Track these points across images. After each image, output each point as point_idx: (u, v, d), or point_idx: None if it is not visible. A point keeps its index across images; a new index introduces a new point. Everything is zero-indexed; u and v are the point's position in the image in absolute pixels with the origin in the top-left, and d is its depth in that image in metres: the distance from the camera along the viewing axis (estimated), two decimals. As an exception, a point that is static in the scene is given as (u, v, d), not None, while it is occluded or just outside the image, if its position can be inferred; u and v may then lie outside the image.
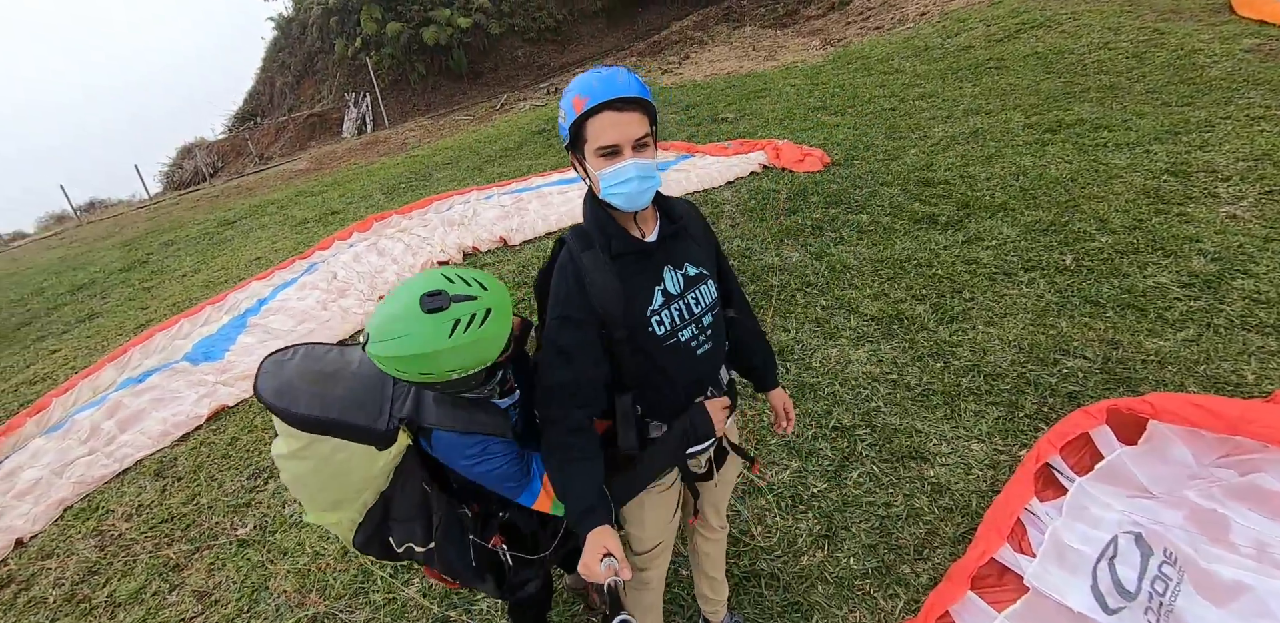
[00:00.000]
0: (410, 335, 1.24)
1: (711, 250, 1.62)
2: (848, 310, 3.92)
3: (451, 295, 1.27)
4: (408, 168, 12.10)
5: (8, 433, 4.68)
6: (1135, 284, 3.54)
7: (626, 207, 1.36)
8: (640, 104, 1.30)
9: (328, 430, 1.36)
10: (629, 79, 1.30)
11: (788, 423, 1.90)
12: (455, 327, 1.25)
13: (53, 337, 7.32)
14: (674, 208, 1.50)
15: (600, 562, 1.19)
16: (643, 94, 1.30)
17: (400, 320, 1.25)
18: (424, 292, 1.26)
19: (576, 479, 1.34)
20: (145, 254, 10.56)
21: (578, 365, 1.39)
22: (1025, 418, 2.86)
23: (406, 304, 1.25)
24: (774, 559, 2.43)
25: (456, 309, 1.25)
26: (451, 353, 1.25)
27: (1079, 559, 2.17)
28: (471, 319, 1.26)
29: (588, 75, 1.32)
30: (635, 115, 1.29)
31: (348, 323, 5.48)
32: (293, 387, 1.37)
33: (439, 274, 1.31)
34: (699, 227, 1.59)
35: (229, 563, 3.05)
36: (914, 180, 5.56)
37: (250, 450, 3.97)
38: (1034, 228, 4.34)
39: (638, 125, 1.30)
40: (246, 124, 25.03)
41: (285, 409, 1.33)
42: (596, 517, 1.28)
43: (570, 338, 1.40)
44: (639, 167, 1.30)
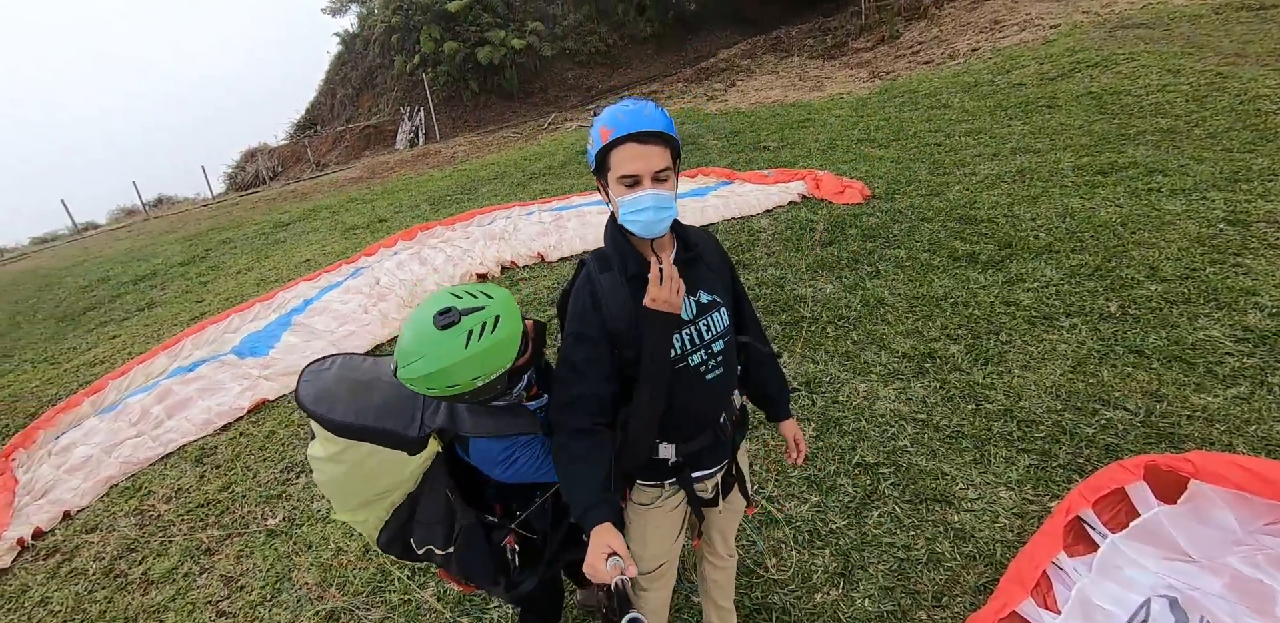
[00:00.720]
0: (431, 354, 1.30)
1: (727, 279, 1.65)
2: (879, 346, 3.87)
3: (461, 310, 1.33)
4: (455, 181, 12.39)
5: (66, 410, 4.90)
6: (1184, 336, 3.41)
7: (643, 233, 1.41)
8: (663, 138, 1.35)
9: (362, 436, 1.42)
10: (655, 114, 1.35)
11: (799, 454, 1.87)
12: (470, 337, 1.32)
13: (114, 323, 7.65)
14: (690, 236, 1.54)
15: (605, 561, 1.18)
16: (667, 129, 1.35)
17: (419, 342, 1.32)
18: (435, 312, 1.33)
19: (579, 479, 1.35)
20: (204, 250, 11.00)
21: (588, 380, 1.43)
22: (1058, 468, 2.76)
23: (420, 327, 1.33)
24: (787, 594, 2.38)
25: (467, 321, 1.33)
26: (472, 361, 1.32)
27: (1107, 620, 2.08)
28: (483, 327, 1.33)
29: (616, 107, 1.37)
30: (657, 148, 1.34)
31: (386, 327, 5.61)
32: (331, 394, 1.45)
33: (446, 293, 1.40)
34: (715, 255, 1.63)
35: (257, 552, 3.12)
36: (955, 217, 5.48)
37: (285, 445, 4.07)
38: (1079, 272, 4.23)
39: (659, 158, 1.34)
40: (307, 132, 26.05)
41: (323, 415, 1.41)
42: (599, 514, 1.28)
43: (582, 354, 1.45)
44: (656, 197, 1.35)
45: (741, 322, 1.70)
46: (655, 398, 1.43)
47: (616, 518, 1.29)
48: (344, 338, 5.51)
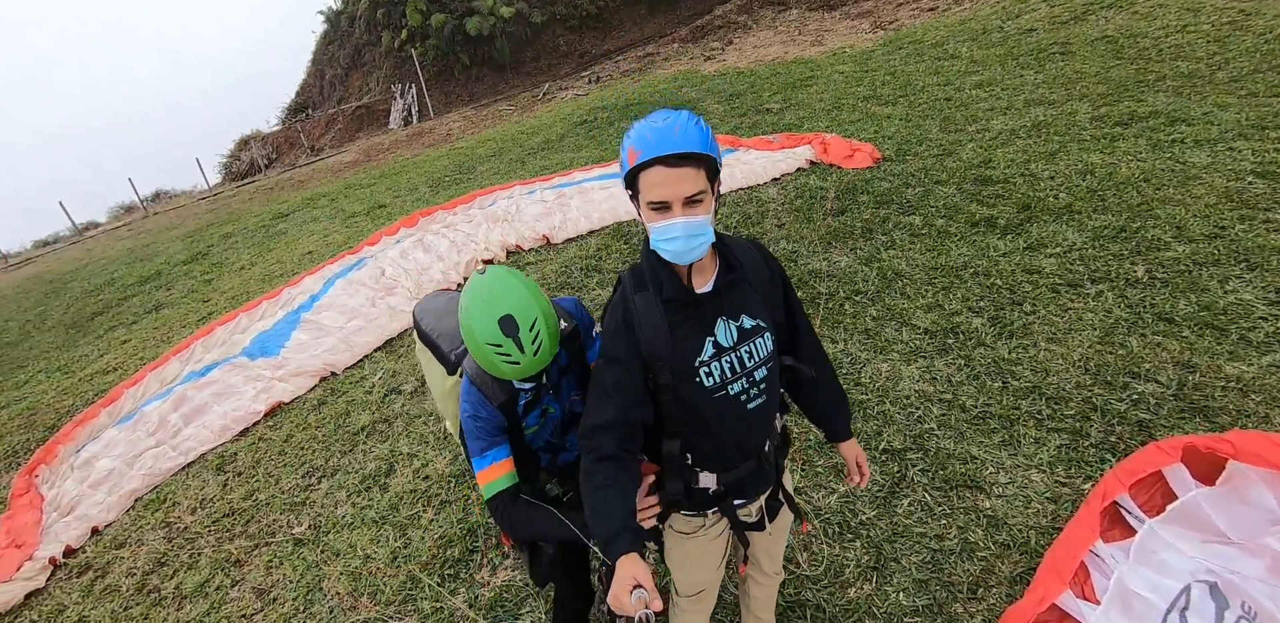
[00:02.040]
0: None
1: (777, 296, 1.52)
2: (899, 322, 3.78)
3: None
4: (452, 160, 12.18)
5: (84, 423, 4.94)
6: (1215, 300, 3.30)
7: (675, 260, 1.32)
8: (696, 159, 1.23)
9: (425, 342, 1.89)
10: (687, 131, 1.22)
11: (861, 478, 1.78)
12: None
13: (123, 327, 7.67)
14: (733, 255, 1.42)
15: (630, 593, 1.14)
16: (701, 148, 1.23)
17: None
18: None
19: (601, 505, 1.31)
20: (206, 246, 10.95)
21: (618, 404, 1.38)
22: (1090, 448, 2.70)
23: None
24: (820, 589, 2.37)
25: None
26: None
27: (1147, 609, 2.04)
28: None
29: (645, 124, 1.26)
30: (689, 171, 1.22)
31: (395, 321, 5.56)
32: (428, 312, 1.95)
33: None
34: (762, 273, 1.49)
35: (286, 562, 3.14)
36: (971, 178, 5.31)
37: (304, 449, 4.08)
38: (1102, 234, 4.08)
39: (690, 182, 1.23)
40: (299, 116, 25.62)
41: (417, 322, 1.95)
42: (623, 544, 1.23)
43: (613, 378, 1.39)
44: (687, 226, 1.25)
45: (791, 337, 1.59)
46: None
47: (642, 548, 1.24)
48: (354, 333, 5.48)
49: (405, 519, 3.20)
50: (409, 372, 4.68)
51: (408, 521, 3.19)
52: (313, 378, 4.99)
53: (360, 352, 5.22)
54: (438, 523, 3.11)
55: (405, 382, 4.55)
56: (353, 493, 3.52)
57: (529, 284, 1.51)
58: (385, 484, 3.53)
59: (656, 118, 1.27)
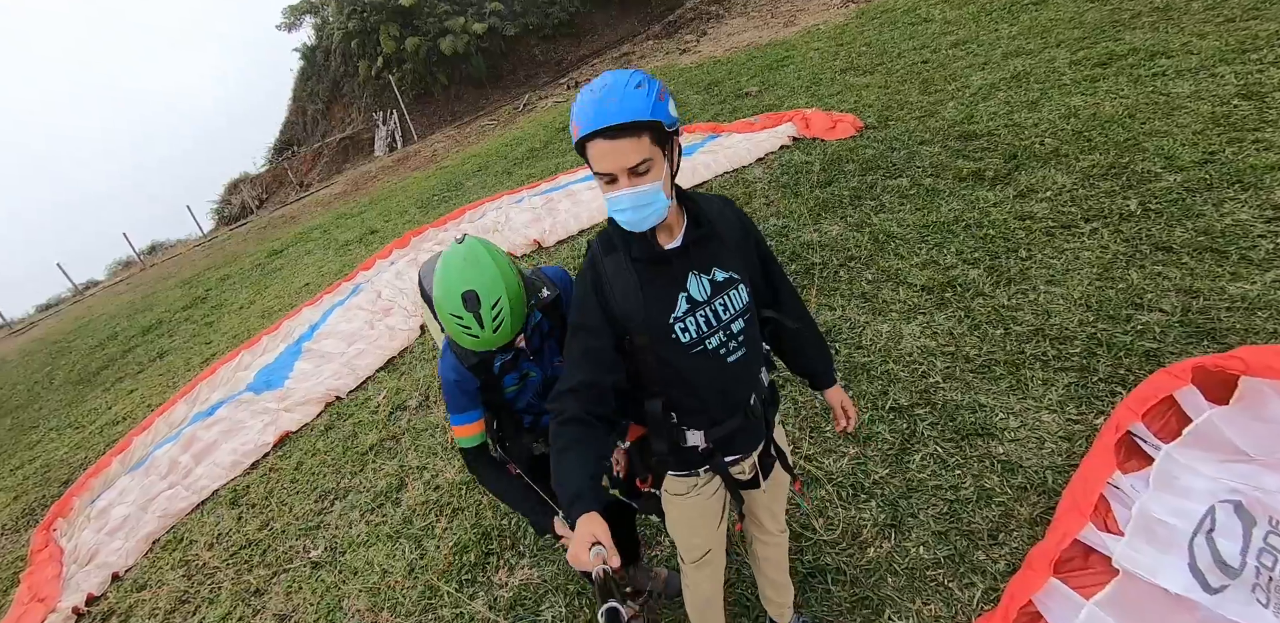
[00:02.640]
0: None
1: (749, 250, 1.54)
2: (895, 282, 3.77)
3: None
4: (439, 180, 12.31)
5: (97, 474, 5.02)
6: (1211, 224, 3.26)
7: (632, 229, 1.33)
8: (636, 128, 1.21)
9: (425, 301, 1.82)
10: (624, 100, 1.20)
11: (848, 421, 1.80)
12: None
13: (129, 378, 7.79)
14: (702, 211, 1.43)
15: (589, 550, 1.15)
16: (640, 116, 1.19)
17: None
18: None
19: (565, 467, 1.31)
20: (204, 290, 11.11)
21: (584, 370, 1.39)
22: (1100, 383, 2.67)
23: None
24: (839, 553, 2.35)
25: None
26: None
27: (1172, 535, 2.02)
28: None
29: (584, 94, 1.24)
30: (629, 142, 1.21)
31: (395, 340, 5.63)
32: (430, 272, 1.81)
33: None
34: (733, 227, 1.50)
35: (305, 586, 3.17)
36: (955, 135, 5.29)
37: (315, 474, 4.12)
38: (1091, 173, 4.05)
39: (633, 152, 1.21)
40: (285, 154, 26.02)
41: (420, 281, 1.86)
42: (584, 504, 1.23)
43: (580, 345, 1.41)
44: (633, 196, 1.25)
45: (770, 293, 1.61)
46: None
47: (600, 507, 1.24)
48: (356, 357, 5.54)
49: (419, 531, 3.22)
50: (412, 388, 4.72)
51: (422, 532, 3.21)
52: (318, 405, 5.04)
53: (363, 374, 5.27)
54: (451, 531, 3.13)
55: (409, 398, 4.59)
56: (366, 511, 3.55)
57: (500, 260, 1.55)
58: (397, 499, 3.56)
59: (596, 86, 1.25)
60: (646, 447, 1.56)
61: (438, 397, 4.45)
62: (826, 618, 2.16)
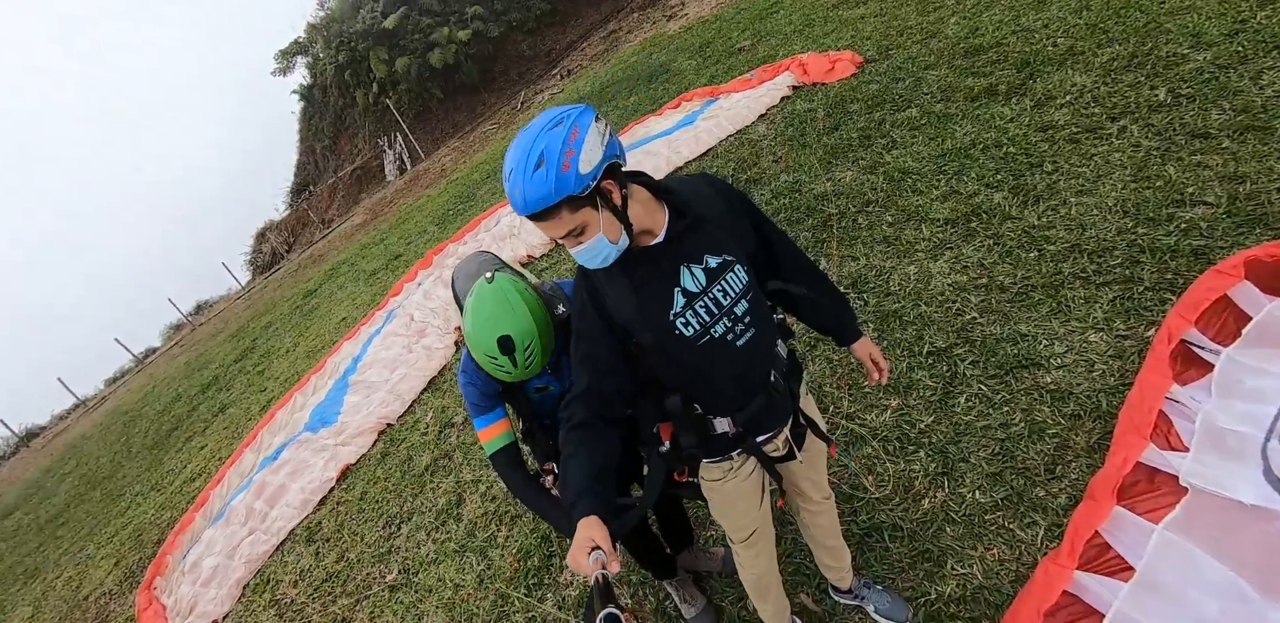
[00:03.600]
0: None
1: (740, 227, 1.52)
2: (917, 220, 3.67)
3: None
4: (451, 194, 12.54)
5: (183, 530, 5.39)
6: (1250, 101, 3.06)
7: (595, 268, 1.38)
8: (549, 210, 1.22)
9: (457, 303, 1.90)
10: (526, 189, 1.20)
11: (880, 373, 1.80)
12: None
13: (198, 435, 8.28)
14: (682, 201, 1.42)
15: (588, 555, 1.18)
16: (545, 202, 1.20)
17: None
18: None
19: (569, 472, 1.36)
20: (251, 340, 11.67)
21: (587, 377, 1.43)
22: (1147, 292, 2.56)
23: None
24: (892, 509, 2.34)
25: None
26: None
27: (1242, 443, 1.94)
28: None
29: (505, 178, 1.26)
30: (551, 222, 1.24)
31: (433, 360, 5.81)
32: (461, 273, 1.98)
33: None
34: (717, 206, 1.49)
35: (386, 609, 3.35)
36: (960, 53, 5.09)
37: (379, 501, 4.32)
38: (1112, 68, 3.84)
39: (559, 226, 1.25)
40: (303, 195, 26.91)
41: (453, 281, 1.98)
42: (585, 507, 1.27)
43: (580, 352, 1.46)
44: (580, 253, 1.31)
45: (773, 261, 1.61)
46: None
47: (603, 510, 1.27)
48: (399, 382, 5.75)
49: (483, 542, 3.36)
50: (456, 404, 4.87)
51: (485, 543, 3.34)
52: (372, 434, 5.27)
53: (409, 398, 5.47)
54: (513, 539, 3.25)
55: (455, 414, 4.75)
56: (431, 531, 3.71)
57: (530, 300, 1.67)
58: (458, 515, 3.70)
59: (508, 161, 1.24)
60: (676, 441, 1.58)
61: (481, 410, 4.58)
62: (888, 576, 2.16)
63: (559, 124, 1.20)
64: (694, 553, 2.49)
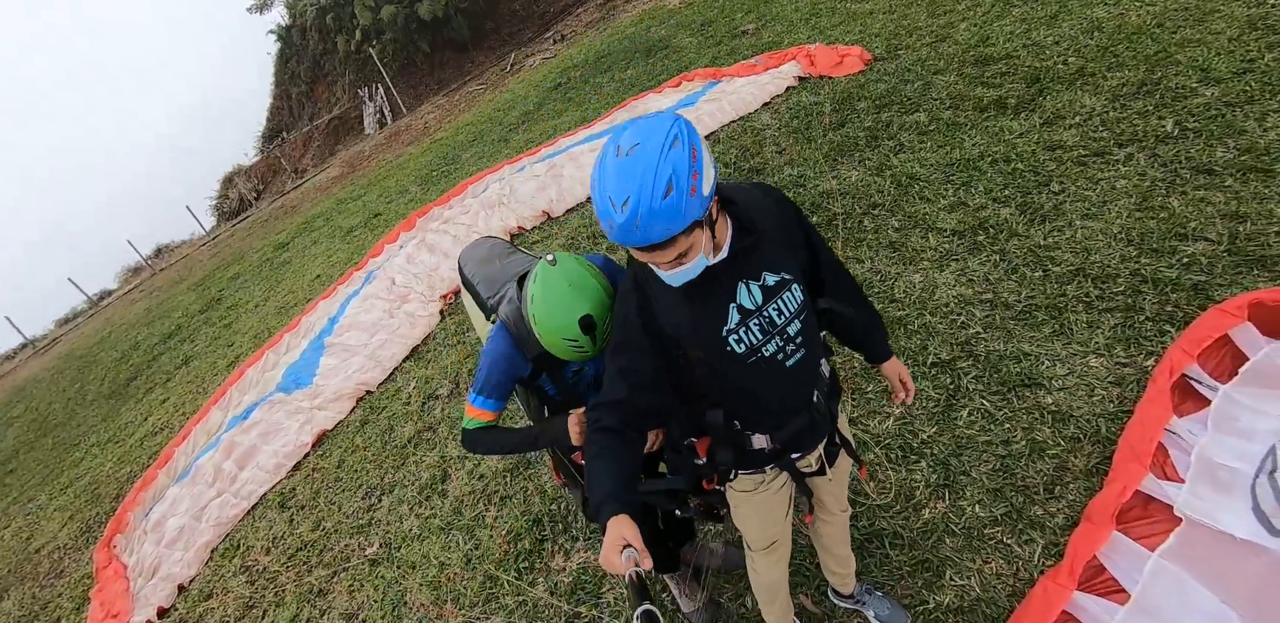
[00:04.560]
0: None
1: (796, 242, 1.48)
2: (924, 228, 3.68)
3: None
4: (435, 154, 12.17)
5: (145, 487, 5.22)
6: (1255, 141, 3.12)
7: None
8: (673, 239, 1.16)
9: (467, 287, 2.04)
10: (653, 220, 1.11)
11: (907, 394, 1.80)
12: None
13: (159, 387, 8.00)
14: (748, 217, 1.36)
15: (620, 553, 1.18)
16: (673, 232, 1.13)
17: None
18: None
19: (596, 472, 1.34)
20: (217, 291, 11.25)
21: (623, 389, 1.39)
22: (1147, 322, 2.63)
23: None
24: (893, 517, 2.39)
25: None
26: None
27: (1234, 478, 2.02)
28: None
29: (603, 204, 1.14)
30: (670, 248, 1.18)
31: (416, 328, 5.68)
32: (470, 259, 2.08)
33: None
34: (776, 220, 1.44)
35: (366, 583, 3.31)
36: (970, 61, 5.07)
37: (358, 471, 4.25)
38: (1121, 93, 3.88)
39: (676, 250, 1.19)
40: (275, 141, 25.73)
41: (461, 266, 2.08)
42: (614, 507, 1.26)
43: (618, 364, 1.41)
44: (675, 275, 1.27)
45: (820, 277, 1.56)
46: None
47: (632, 510, 1.26)
48: (380, 348, 5.62)
49: (470, 521, 3.33)
50: (441, 375, 4.79)
51: (473, 522, 3.31)
52: (350, 400, 5.15)
53: (389, 365, 5.36)
54: (503, 519, 3.23)
55: (440, 386, 4.66)
56: (414, 505, 3.67)
57: (599, 276, 1.60)
58: (444, 491, 3.66)
59: (618, 191, 1.12)
60: (712, 456, 1.56)
61: (468, 383, 4.51)
62: (887, 583, 2.21)
63: (675, 142, 1.12)
64: (695, 548, 2.50)
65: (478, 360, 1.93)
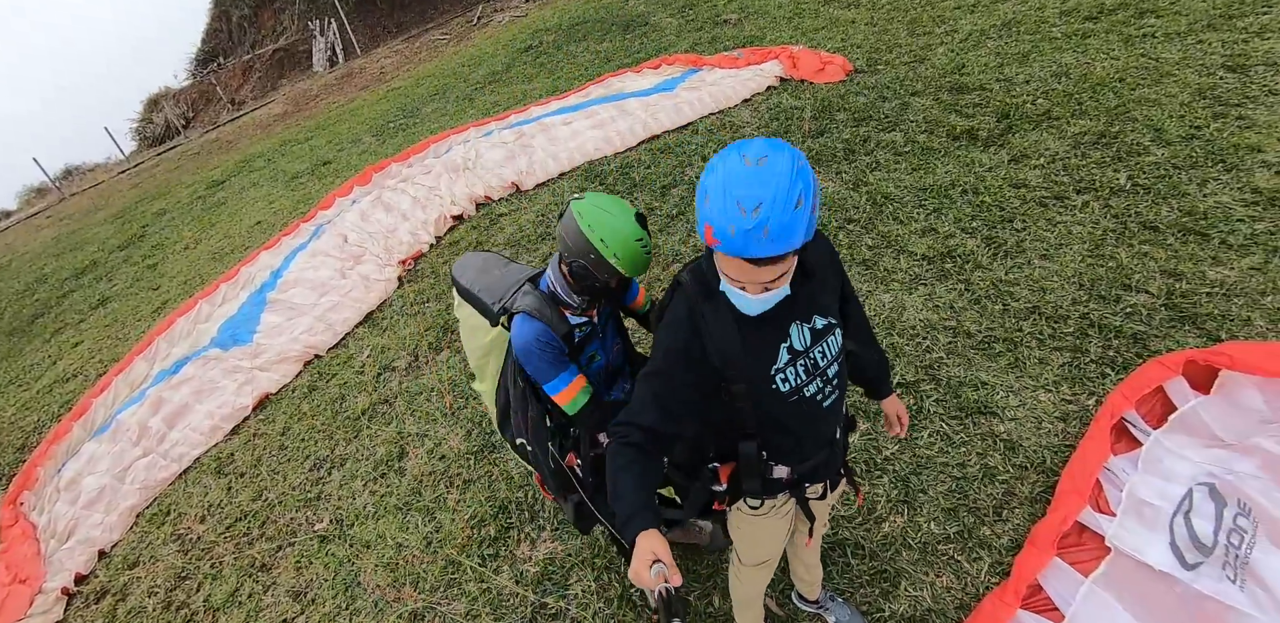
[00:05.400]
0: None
1: (838, 286, 1.53)
2: (896, 250, 3.83)
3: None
4: (392, 103, 11.56)
5: (58, 440, 4.83)
6: (1195, 205, 3.41)
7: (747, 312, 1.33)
8: (781, 256, 1.15)
9: (467, 298, 2.03)
10: (782, 229, 1.08)
11: (902, 428, 1.89)
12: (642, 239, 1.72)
13: (70, 328, 7.37)
14: (810, 260, 1.37)
15: (650, 568, 1.19)
16: (794, 246, 1.12)
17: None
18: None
19: (623, 486, 1.34)
20: (140, 227, 10.39)
21: (653, 416, 1.39)
22: (1091, 363, 2.86)
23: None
24: (856, 527, 2.53)
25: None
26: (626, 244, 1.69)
27: (1156, 515, 2.25)
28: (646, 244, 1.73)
29: (729, 206, 1.09)
30: (780, 264, 1.17)
31: (371, 292, 5.46)
32: (466, 269, 2.08)
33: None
34: (827, 265, 1.48)
35: (316, 560, 3.22)
36: (946, 87, 5.24)
37: (305, 440, 4.10)
38: (1083, 141, 4.12)
39: (771, 272, 1.18)
40: (210, 67, 23.55)
41: (457, 280, 2.07)
42: (642, 521, 1.27)
43: (657, 388, 1.40)
44: (763, 302, 1.26)
45: (844, 318, 1.59)
46: None
47: (658, 524, 1.28)
48: (330, 310, 5.37)
49: (431, 503, 3.28)
50: (398, 346, 4.64)
51: (434, 504, 3.27)
52: (296, 363, 4.93)
53: (341, 330, 5.14)
54: (465, 503, 3.20)
55: (397, 358, 4.53)
56: (368, 481, 3.58)
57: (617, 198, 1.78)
58: (401, 468, 3.59)
59: (738, 195, 1.08)
60: (735, 483, 1.60)
61: (428, 357, 4.40)
62: (848, 590, 2.36)
63: (803, 164, 1.12)
64: (683, 527, 2.57)
65: (510, 357, 1.96)
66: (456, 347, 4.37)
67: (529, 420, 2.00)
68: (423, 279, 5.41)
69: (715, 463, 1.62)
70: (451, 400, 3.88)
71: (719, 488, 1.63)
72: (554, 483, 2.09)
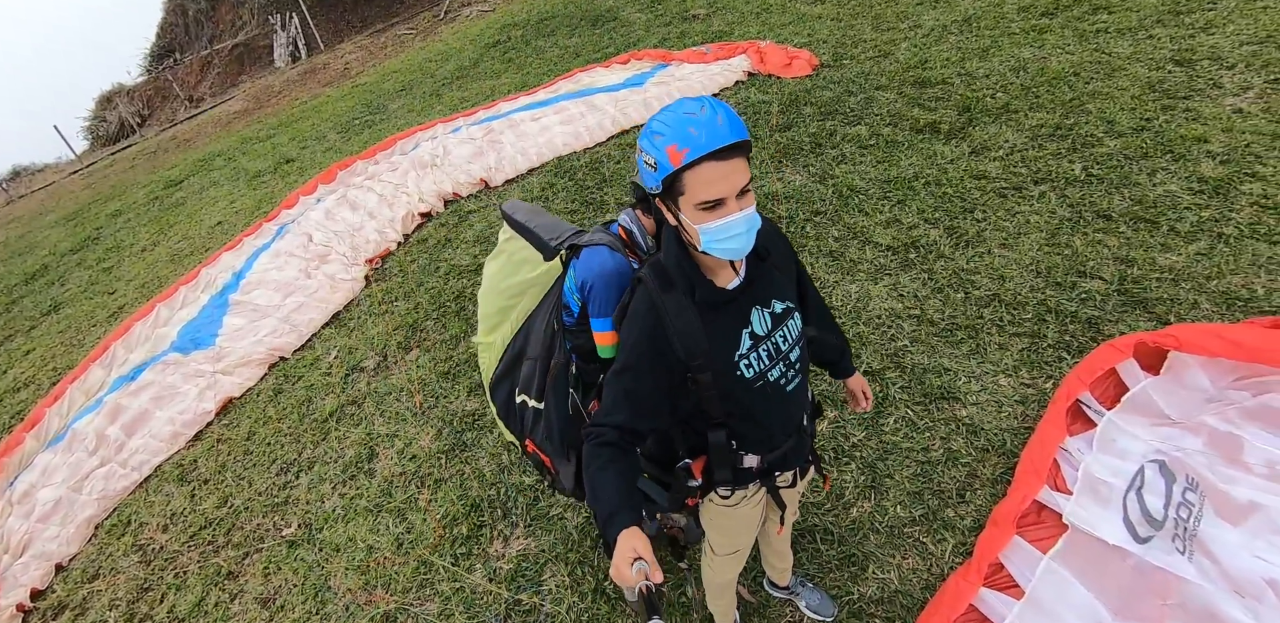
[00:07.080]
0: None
1: (792, 272, 1.57)
2: (861, 240, 3.91)
3: None
4: (357, 100, 11.41)
5: (9, 452, 4.67)
6: (1146, 194, 3.54)
7: (733, 258, 1.32)
8: (743, 147, 1.21)
9: (523, 233, 2.04)
10: (729, 119, 1.19)
11: (866, 402, 1.94)
12: None
13: (20, 335, 7.15)
14: (762, 244, 1.39)
15: (631, 566, 1.19)
16: (743, 135, 1.20)
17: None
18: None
19: (601, 486, 1.35)
20: (94, 229, 10.10)
21: (625, 413, 1.41)
22: (1049, 348, 2.96)
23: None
24: (825, 513, 2.60)
25: None
26: None
27: (1110, 492, 2.34)
28: None
29: (679, 118, 1.20)
30: (739, 161, 1.21)
31: (337, 292, 5.40)
32: (519, 209, 2.12)
33: None
34: (782, 250, 1.53)
35: (284, 566, 3.18)
36: (910, 81, 5.36)
37: (271, 444, 4.04)
38: (1040, 133, 4.25)
39: (741, 172, 1.21)
40: (165, 62, 22.93)
41: (509, 215, 2.10)
42: (622, 520, 1.28)
43: (626, 385, 1.42)
44: (747, 219, 1.24)
45: (800, 302, 1.62)
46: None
47: (640, 521, 1.30)
48: (295, 311, 5.29)
49: (401, 504, 3.27)
50: (366, 346, 4.60)
51: (404, 505, 3.26)
52: (260, 367, 4.85)
53: (307, 331, 5.08)
54: (437, 503, 3.20)
55: (365, 358, 4.49)
56: (337, 484, 3.55)
57: None
58: (370, 470, 3.57)
59: (685, 109, 1.21)
60: (708, 476, 1.63)
61: (397, 357, 4.37)
62: (817, 575, 2.41)
63: None
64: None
65: (571, 286, 1.85)
66: (426, 346, 4.35)
67: (552, 367, 1.96)
68: (390, 278, 5.37)
69: (686, 459, 1.65)
70: (421, 399, 3.87)
71: (695, 483, 1.66)
72: (560, 438, 2.01)
